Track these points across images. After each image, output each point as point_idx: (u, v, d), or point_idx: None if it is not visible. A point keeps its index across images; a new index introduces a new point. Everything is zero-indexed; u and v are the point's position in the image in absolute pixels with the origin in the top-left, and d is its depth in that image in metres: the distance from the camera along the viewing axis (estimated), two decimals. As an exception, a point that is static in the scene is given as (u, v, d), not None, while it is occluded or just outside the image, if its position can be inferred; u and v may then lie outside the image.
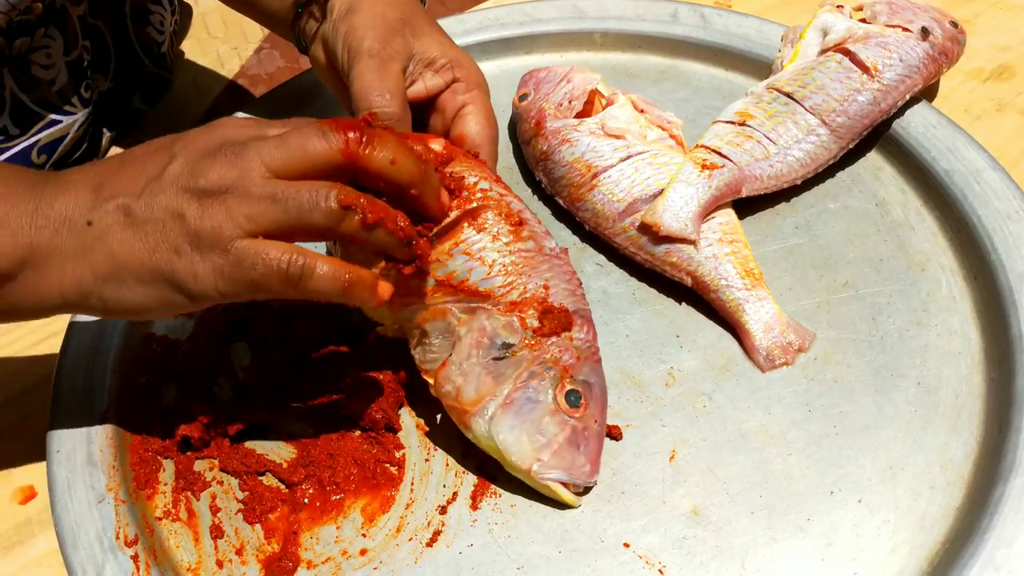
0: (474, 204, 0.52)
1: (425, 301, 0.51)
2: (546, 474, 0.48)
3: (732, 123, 0.62)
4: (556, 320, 0.51)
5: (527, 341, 0.50)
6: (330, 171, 0.45)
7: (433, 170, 0.49)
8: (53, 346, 0.59)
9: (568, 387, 0.50)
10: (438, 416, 0.54)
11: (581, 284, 0.54)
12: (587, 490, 0.50)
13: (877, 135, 0.64)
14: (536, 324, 0.50)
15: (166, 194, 0.44)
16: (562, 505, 0.50)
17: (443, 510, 0.50)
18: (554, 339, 0.51)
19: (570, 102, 0.64)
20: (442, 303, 0.51)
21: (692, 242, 0.57)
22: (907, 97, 0.63)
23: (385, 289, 0.46)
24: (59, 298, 0.46)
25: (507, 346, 0.50)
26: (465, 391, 0.50)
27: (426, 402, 0.54)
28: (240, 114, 0.52)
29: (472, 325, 0.50)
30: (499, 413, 0.49)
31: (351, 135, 0.44)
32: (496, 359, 0.50)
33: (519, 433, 0.49)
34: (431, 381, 0.51)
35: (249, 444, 0.53)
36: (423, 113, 0.62)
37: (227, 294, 0.45)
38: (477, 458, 0.52)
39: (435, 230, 0.51)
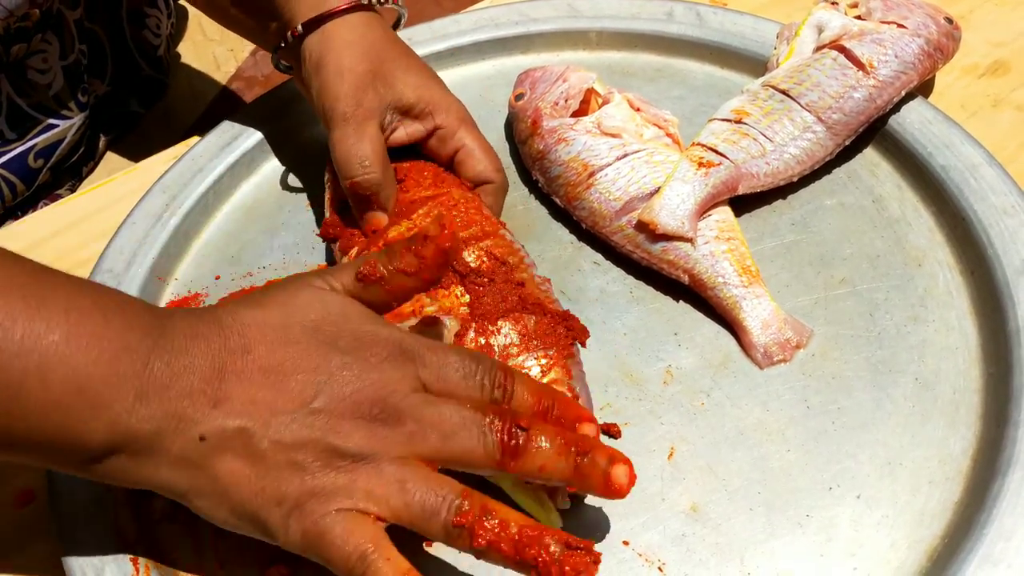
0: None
1: (421, 316, 0.52)
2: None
3: (728, 121, 0.62)
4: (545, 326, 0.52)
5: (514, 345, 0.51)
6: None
7: (589, 460, 0.42)
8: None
9: None
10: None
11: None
12: (578, 500, 0.50)
13: (873, 131, 0.64)
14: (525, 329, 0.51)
15: (294, 439, 0.40)
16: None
17: (442, 510, 0.50)
18: (536, 342, 0.51)
19: (566, 101, 0.64)
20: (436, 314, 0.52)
21: (689, 240, 0.57)
22: (903, 93, 0.63)
23: None
24: (147, 485, 0.42)
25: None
26: None
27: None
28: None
29: (459, 332, 0.51)
30: None
31: (507, 441, 0.41)
32: None
33: None
34: None
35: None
36: (418, 145, 0.61)
37: (303, 553, 0.41)
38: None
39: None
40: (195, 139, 0.69)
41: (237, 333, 0.42)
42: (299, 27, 0.59)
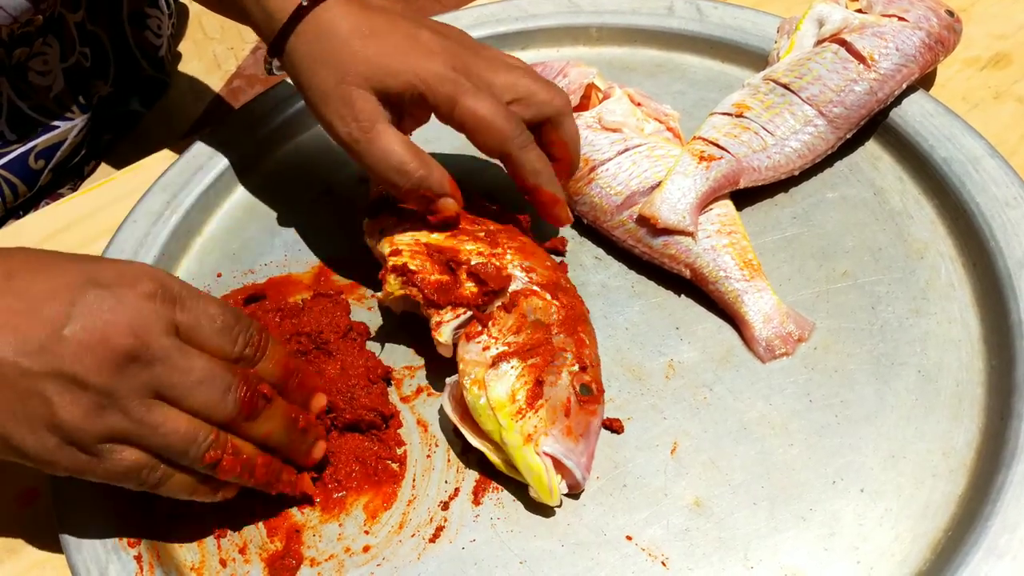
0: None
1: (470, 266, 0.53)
2: (547, 446, 0.48)
3: (729, 115, 0.62)
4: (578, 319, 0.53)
5: (557, 326, 0.52)
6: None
7: (304, 436, 0.49)
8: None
9: (584, 379, 0.50)
10: (439, 413, 0.54)
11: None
12: (573, 495, 0.50)
13: (875, 124, 0.64)
14: (564, 315, 0.52)
15: (42, 367, 0.41)
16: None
17: (445, 506, 0.50)
18: (579, 336, 0.52)
19: (566, 97, 0.64)
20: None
21: (690, 234, 0.57)
22: (904, 86, 0.63)
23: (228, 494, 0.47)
24: None
25: (539, 324, 0.51)
26: (492, 349, 0.51)
27: (427, 399, 0.55)
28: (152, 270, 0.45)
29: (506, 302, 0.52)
30: (522, 374, 0.50)
31: (248, 404, 0.45)
32: (528, 334, 0.51)
33: (533, 399, 0.49)
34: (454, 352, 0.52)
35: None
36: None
37: (80, 476, 0.44)
38: (478, 454, 0.52)
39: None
40: (196, 137, 0.69)
41: (7, 258, 0.43)
42: (266, 54, 0.58)
